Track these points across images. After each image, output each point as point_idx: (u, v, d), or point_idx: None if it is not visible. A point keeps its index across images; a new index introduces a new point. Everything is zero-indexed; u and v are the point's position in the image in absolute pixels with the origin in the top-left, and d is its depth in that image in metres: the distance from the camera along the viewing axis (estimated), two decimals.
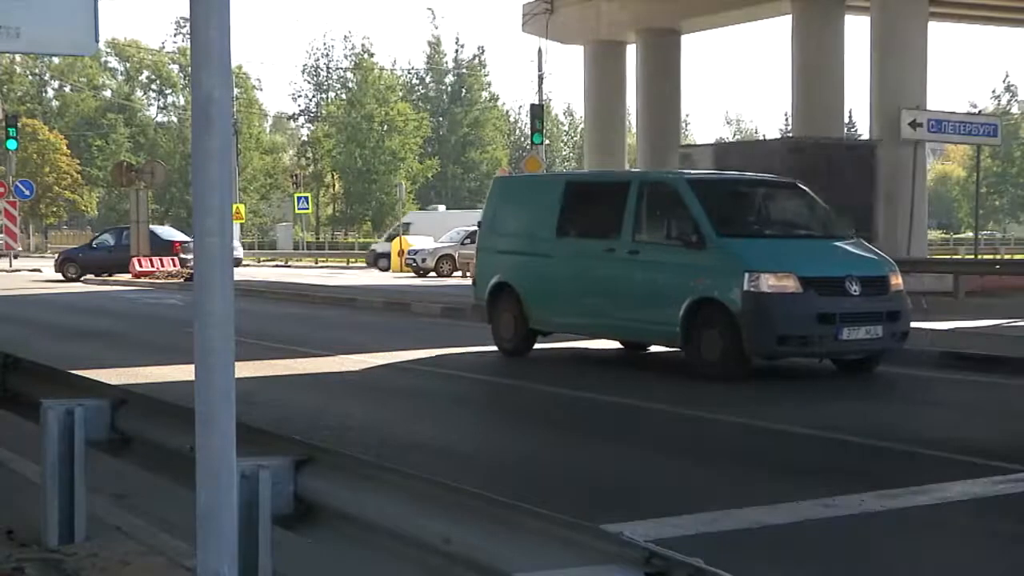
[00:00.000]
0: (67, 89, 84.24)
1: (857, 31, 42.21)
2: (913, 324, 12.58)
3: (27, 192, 47.56)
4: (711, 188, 12.99)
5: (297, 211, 61.36)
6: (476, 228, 16.46)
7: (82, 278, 35.73)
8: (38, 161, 71.21)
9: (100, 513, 5.75)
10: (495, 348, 14.42)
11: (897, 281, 12.24)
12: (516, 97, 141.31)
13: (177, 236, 38.11)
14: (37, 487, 5.52)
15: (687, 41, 34.47)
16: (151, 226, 37.69)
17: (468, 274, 35.42)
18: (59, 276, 36.49)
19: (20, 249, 48.91)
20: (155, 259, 35.69)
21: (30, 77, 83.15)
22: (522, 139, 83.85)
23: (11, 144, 47.69)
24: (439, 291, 26.97)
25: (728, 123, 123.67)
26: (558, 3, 34.90)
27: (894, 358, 12.88)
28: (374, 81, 75.61)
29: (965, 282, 24.13)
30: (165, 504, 5.87)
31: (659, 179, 13.99)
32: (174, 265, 35.29)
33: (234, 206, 35.89)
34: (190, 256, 35.87)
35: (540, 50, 40.85)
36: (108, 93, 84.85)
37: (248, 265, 52.44)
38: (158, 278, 34.11)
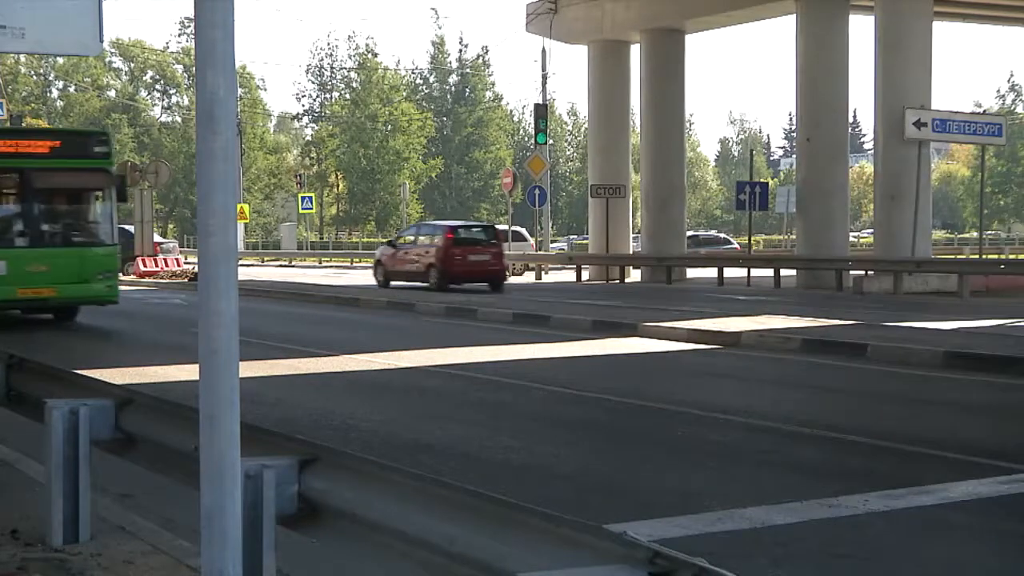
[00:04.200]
0: (71, 89, 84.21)
1: (862, 30, 42.14)
2: (916, 324, 12.47)
3: None
4: None
5: (301, 211, 61.32)
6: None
7: None
8: None
9: (104, 513, 5.76)
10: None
11: None
12: (520, 97, 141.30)
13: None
14: (42, 487, 5.53)
15: (691, 41, 34.45)
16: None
17: None
18: None
19: None
20: (159, 259, 35.77)
21: (35, 77, 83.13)
22: (526, 139, 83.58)
23: None
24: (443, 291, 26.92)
25: (732, 123, 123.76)
26: (562, 3, 34.91)
27: (897, 357, 12.88)
28: (378, 81, 75.60)
29: (970, 282, 24.14)
30: (169, 504, 5.88)
31: None
32: (178, 265, 35.36)
33: (238, 206, 35.98)
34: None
35: (544, 50, 40.94)
36: (112, 93, 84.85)
37: (252, 265, 52.48)
38: (162, 278, 34.13)
